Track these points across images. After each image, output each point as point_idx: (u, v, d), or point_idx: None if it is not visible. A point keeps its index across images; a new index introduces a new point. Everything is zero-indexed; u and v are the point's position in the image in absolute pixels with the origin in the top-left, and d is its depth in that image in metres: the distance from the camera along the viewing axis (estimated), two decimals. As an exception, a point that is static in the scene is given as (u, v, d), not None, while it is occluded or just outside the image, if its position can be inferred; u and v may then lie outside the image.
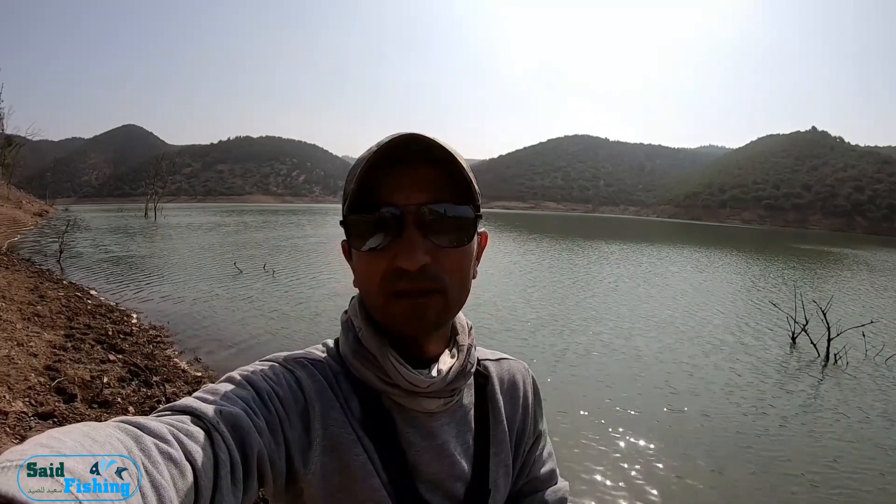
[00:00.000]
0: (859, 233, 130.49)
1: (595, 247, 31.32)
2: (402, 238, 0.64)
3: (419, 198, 0.65)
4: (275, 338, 8.50)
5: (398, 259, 0.64)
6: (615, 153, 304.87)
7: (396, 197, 0.65)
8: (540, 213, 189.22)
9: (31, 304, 8.46)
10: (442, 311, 0.67)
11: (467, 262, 0.70)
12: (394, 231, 0.65)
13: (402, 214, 0.64)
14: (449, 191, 0.67)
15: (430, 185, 0.66)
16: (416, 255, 0.63)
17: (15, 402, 4.33)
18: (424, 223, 0.65)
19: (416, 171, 0.66)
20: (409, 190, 0.65)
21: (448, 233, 0.67)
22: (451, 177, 0.67)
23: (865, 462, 5.16)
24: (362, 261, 0.68)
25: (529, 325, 9.96)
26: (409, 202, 0.65)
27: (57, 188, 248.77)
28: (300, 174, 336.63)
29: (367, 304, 0.71)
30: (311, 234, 35.07)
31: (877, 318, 10.55)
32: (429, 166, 0.66)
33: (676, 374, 7.44)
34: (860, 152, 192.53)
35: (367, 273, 0.68)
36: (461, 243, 0.68)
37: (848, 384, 7.43)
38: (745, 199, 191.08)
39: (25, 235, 25.77)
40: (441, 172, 0.66)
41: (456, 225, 0.67)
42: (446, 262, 0.66)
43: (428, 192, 0.66)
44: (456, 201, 0.67)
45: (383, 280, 0.65)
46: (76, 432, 0.41)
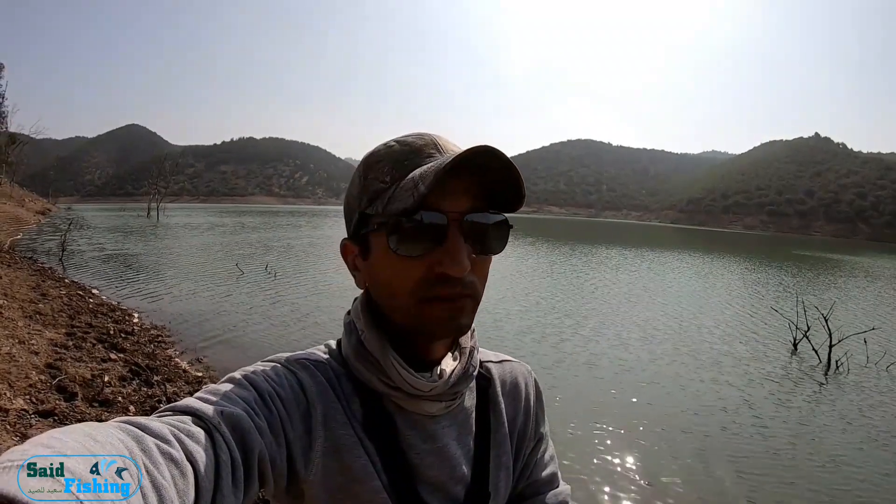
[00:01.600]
0: (862, 239, 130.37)
1: (595, 252, 31.32)
2: (446, 244, 0.63)
3: (464, 204, 0.65)
4: (276, 338, 8.51)
5: (444, 265, 0.63)
6: (618, 158, 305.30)
7: (442, 203, 0.64)
8: (543, 217, 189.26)
9: (32, 302, 8.49)
10: (471, 314, 0.68)
11: (489, 267, 0.71)
12: (437, 238, 0.64)
13: (447, 221, 0.64)
14: (490, 197, 0.67)
15: (473, 191, 0.66)
16: (463, 263, 0.63)
17: (16, 400, 4.34)
18: (468, 230, 0.64)
19: (463, 177, 0.64)
20: (456, 196, 0.64)
21: (487, 241, 0.67)
22: (498, 183, 0.66)
23: (867, 469, 5.14)
24: (393, 263, 0.66)
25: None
26: (454, 209, 0.64)
27: (60, 187, 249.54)
28: (303, 176, 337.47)
29: (388, 307, 0.70)
30: (311, 234, 35.11)
31: (878, 325, 10.52)
32: (476, 173, 0.65)
33: (675, 380, 7.43)
34: (863, 158, 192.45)
35: (398, 277, 0.66)
36: (498, 250, 0.69)
37: (850, 390, 7.42)
38: (748, 205, 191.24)
39: (28, 234, 25.85)
40: (486, 179, 0.65)
41: (494, 233, 0.67)
42: (478, 268, 0.67)
43: (471, 199, 0.65)
44: (494, 209, 0.67)
45: (418, 284, 0.65)
46: (77, 432, 0.41)
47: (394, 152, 0.68)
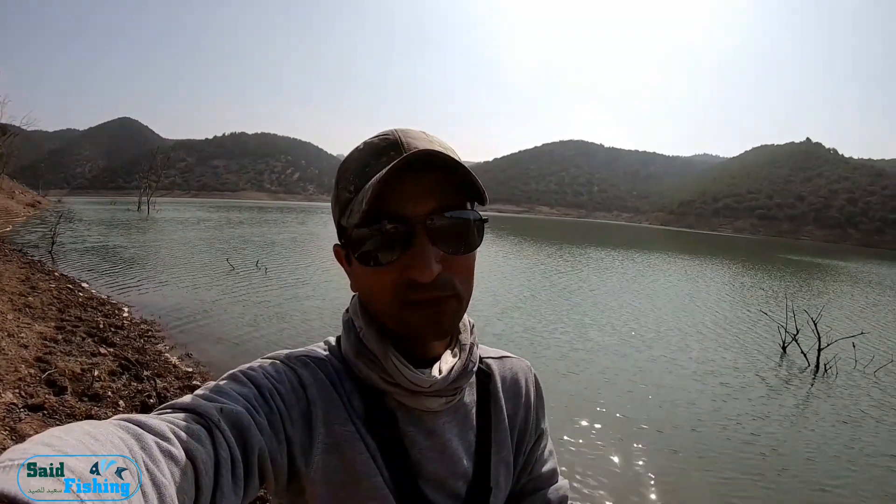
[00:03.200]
0: (852, 244, 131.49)
1: (584, 253, 31.43)
2: (412, 250, 0.63)
3: (425, 206, 0.63)
4: (266, 334, 8.40)
5: (411, 271, 0.62)
6: (610, 159, 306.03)
7: (403, 207, 0.63)
8: (533, 216, 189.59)
9: (22, 294, 8.41)
10: (456, 314, 0.67)
11: (473, 263, 0.70)
12: (403, 243, 0.63)
13: (411, 226, 0.63)
14: (453, 194, 0.65)
15: (436, 191, 0.64)
16: (429, 267, 0.62)
17: (5, 394, 4.30)
18: (434, 232, 0.63)
19: (421, 178, 0.63)
20: (416, 199, 0.63)
21: (457, 239, 0.65)
22: (455, 180, 0.64)
23: (855, 471, 5.20)
24: (369, 273, 0.66)
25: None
26: (416, 212, 0.63)
27: (50, 179, 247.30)
28: (294, 172, 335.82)
29: (377, 312, 0.70)
30: (296, 231, 34.99)
31: (866, 329, 10.63)
32: (432, 172, 0.63)
33: (661, 378, 7.49)
34: (854, 164, 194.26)
35: (375, 285, 0.67)
36: (472, 248, 0.68)
37: (838, 393, 7.50)
38: (738, 209, 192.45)
39: (17, 226, 25.59)
40: (444, 177, 0.64)
41: (465, 231, 0.66)
42: (456, 266, 0.66)
43: (434, 200, 0.64)
44: (462, 206, 0.66)
45: (395, 290, 0.64)
46: (78, 431, 0.41)
47: (359, 157, 0.67)
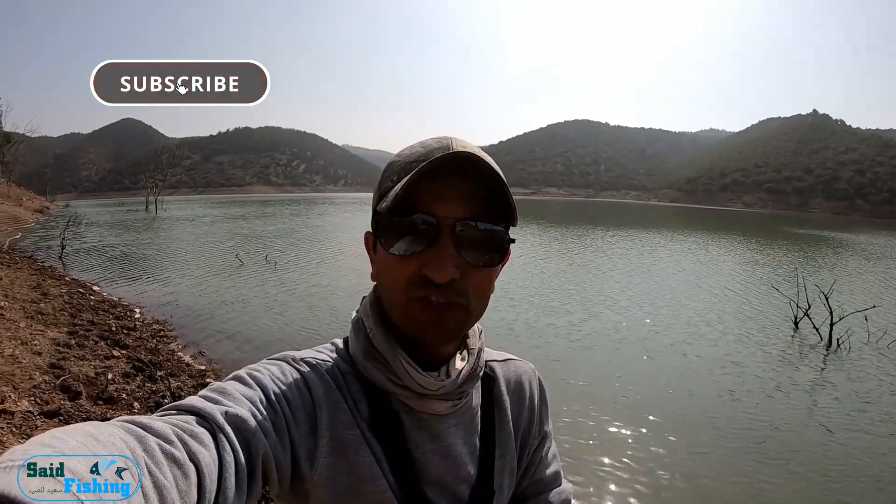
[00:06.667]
0: (861, 216, 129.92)
1: (594, 234, 31.28)
2: (434, 248, 0.64)
3: (457, 211, 0.64)
4: (278, 330, 8.48)
5: (427, 268, 0.63)
6: (615, 138, 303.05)
7: (435, 206, 0.64)
8: (541, 198, 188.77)
9: (34, 301, 8.49)
10: (461, 323, 0.67)
11: (492, 281, 0.70)
12: (427, 240, 0.64)
13: (438, 225, 0.64)
14: (487, 208, 0.66)
15: (470, 199, 0.65)
16: (446, 268, 0.63)
17: (20, 402, 4.36)
18: (459, 238, 0.64)
19: (458, 182, 0.65)
20: (449, 202, 0.64)
21: (481, 251, 0.66)
22: (492, 193, 0.65)
23: (871, 447, 5.17)
24: (389, 261, 0.67)
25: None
26: (447, 214, 0.64)
27: (57, 184, 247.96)
28: (300, 164, 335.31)
29: (386, 302, 0.71)
30: (308, 223, 35.04)
31: (878, 303, 10.54)
32: (470, 180, 0.65)
33: (677, 357, 7.48)
34: (861, 136, 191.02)
35: (392, 274, 0.67)
36: (492, 264, 0.68)
37: (852, 367, 7.46)
38: (747, 183, 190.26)
39: (27, 232, 25.77)
40: (481, 187, 0.65)
41: (490, 244, 0.66)
42: (473, 279, 0.66)
43: (466, 207, 0.65)
44: (493, 220, 0.66)
45: (409, 283, 0.65)
46: (79, 432, 0.41)
47: (409, 152, 0.68)
